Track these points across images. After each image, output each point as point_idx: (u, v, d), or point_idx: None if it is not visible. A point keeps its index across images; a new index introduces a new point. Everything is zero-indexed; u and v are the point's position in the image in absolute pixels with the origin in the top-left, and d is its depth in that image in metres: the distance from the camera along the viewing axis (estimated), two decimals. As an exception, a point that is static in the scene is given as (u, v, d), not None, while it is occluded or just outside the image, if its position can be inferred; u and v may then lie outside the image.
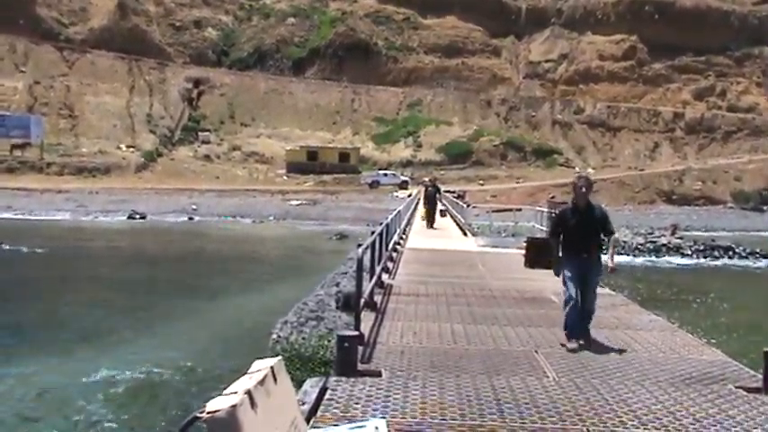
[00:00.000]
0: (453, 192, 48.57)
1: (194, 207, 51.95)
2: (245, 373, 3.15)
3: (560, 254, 8.01)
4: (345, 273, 18.13)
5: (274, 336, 12.35)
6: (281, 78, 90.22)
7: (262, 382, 3.01)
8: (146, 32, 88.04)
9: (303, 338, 11.17)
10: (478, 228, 30.10)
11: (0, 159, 66.72)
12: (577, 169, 78.78)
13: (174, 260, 28.85)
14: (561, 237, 7.99)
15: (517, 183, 72.33)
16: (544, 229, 20.67)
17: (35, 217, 45.57)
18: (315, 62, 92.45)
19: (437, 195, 29.00)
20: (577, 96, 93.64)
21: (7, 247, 30.26)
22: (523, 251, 16.49)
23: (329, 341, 10.06)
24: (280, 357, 3.38)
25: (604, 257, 8.00)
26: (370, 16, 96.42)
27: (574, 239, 7.83)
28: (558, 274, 8.05)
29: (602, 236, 7.92)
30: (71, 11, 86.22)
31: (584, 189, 7.83)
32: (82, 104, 77.56)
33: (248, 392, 2.83)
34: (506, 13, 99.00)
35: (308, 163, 75.20)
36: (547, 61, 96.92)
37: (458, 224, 30.57)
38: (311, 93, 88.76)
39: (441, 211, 31.56)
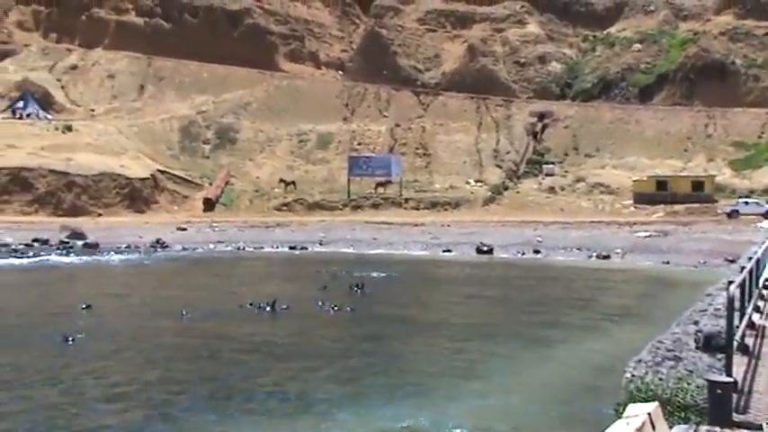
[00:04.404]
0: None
1: (539, 239, 52.29)
2: (620, 418, 3.04)
3: None
4: (704, 310, 16.76)
5: (628, 375, 11.86)
6: (627, 107, 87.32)
7: (640, 429, 2.88)
8: (492, 71, 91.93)
9: (660, 379, 10.57)
10: None
11: (366, 196, 74.61)
12: None
13: (517, 301, 29.02)
14: None
15: None
16: None
17: (395, 251, 49.59)
18: (663, 88, 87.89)
19: None
20: None
21: (374, 275, 33.82)
22: None
23: (689, 384, 9.42)
24: (657, 404, 3.20)
25: None
26: (726, 34, 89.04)
27: None
28: None
29: None
30: (426, 58, 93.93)
31: None
32: (435, 143, 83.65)
33: (628, 438, 2.71)
34: None
35: (658, 193, 71.39)
36: None
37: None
38: (659, 120, 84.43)
39: None
